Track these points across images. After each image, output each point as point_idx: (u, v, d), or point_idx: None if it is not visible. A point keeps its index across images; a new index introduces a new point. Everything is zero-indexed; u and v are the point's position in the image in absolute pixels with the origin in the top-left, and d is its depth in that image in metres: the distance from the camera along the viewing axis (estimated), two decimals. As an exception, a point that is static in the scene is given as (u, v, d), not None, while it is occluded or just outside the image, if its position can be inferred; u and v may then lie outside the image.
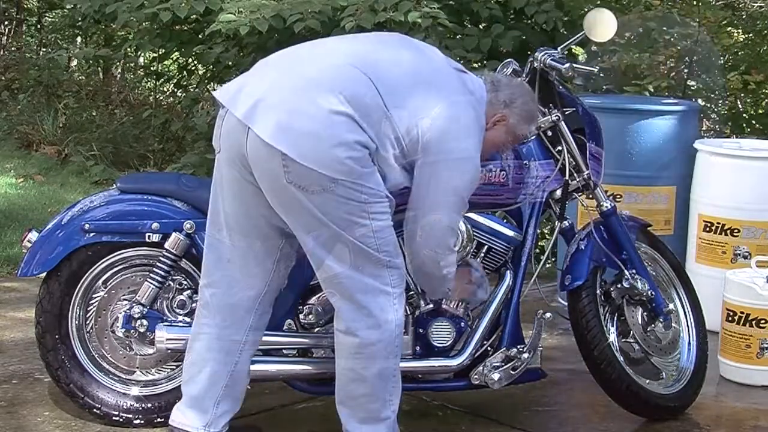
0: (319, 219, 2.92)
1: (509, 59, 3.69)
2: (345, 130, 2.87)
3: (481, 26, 6.77)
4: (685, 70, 6.73)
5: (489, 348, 3.48)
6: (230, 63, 7.32)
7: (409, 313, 3.42)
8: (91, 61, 10.94)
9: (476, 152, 3.07)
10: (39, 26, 12.75)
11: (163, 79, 10.11)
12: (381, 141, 2.93)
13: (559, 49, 3.66)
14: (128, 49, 8.94)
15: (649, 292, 3.65)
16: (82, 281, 3.47)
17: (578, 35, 3.72)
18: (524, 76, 3.56)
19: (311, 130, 2.86)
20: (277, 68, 3.04)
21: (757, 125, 6.61)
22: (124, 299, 3.50)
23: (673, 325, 3.76)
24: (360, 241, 2.96)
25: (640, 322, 3.70)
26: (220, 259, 3.14)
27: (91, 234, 3.43)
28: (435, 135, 2.97)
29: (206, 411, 3.19)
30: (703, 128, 6.80)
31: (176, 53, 8.46)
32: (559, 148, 3.55)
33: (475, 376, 3.45)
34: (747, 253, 4.56)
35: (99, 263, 3.48)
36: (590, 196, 3.68)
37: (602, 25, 3.61)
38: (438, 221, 3.05)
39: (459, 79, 3.11)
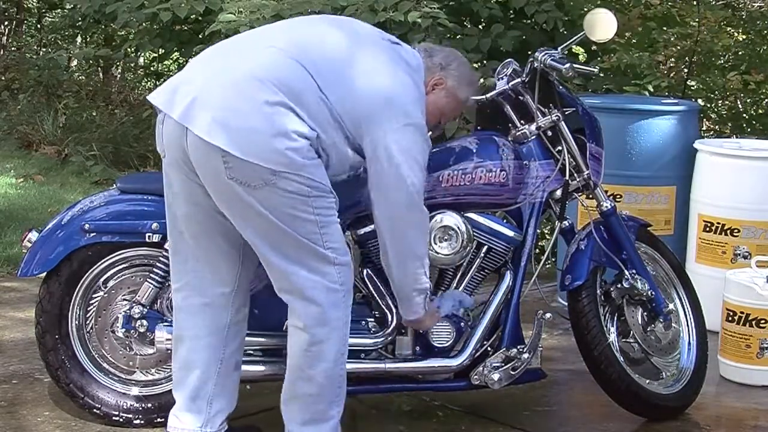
0: (262, 215, 2.90)
1: (509, 59, 3.69)
2: (282, 121, 2.85)
3: (481, 26, 6.76)
4: (685, 70, 6.73)
5: (489, 348, 3.47)
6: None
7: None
8: (91, 61, 10.95)
9: (421, 119, 3.05)
10: (39, 26, 12.75)
11: (163, 79, 10.10)
12: (321, 126, 2.91)
13: (559, 49, 3.66)
14: (128, 49, 8.94)
15: (649, 292, 3.65)
16: (82, 281, 3.47)
17: (578, 35, 3.72)
18: (524, 76, 3.56)
19: (248, 124, 2.85)
20: (209, 65, 3.02)
21: (757, 125, 6.60)
22: (124, 299, 3.50)
23: (673, 325, 3.76)
24: (305, 238, 2.93)
25: (640, 322, 3.70)
26: (187, 260, 3.14)
27: (91, 234, 3.42)
28: (376, 108, 2.96)
29: (200, 411, 3.18)
30: (703, 128, 6.80)
31: (176, 53, 8.46)
32: (559, 148, 3.55)
33: (475, 377, 3.44)
34: (747, 253, 4.55)
35: (99, 263, 3.48)
36: (590, 196, 3.68)
37: (602, 25, 3.60)
38: (401, 180, 2.99)
39: (392, 50, 3.10)
